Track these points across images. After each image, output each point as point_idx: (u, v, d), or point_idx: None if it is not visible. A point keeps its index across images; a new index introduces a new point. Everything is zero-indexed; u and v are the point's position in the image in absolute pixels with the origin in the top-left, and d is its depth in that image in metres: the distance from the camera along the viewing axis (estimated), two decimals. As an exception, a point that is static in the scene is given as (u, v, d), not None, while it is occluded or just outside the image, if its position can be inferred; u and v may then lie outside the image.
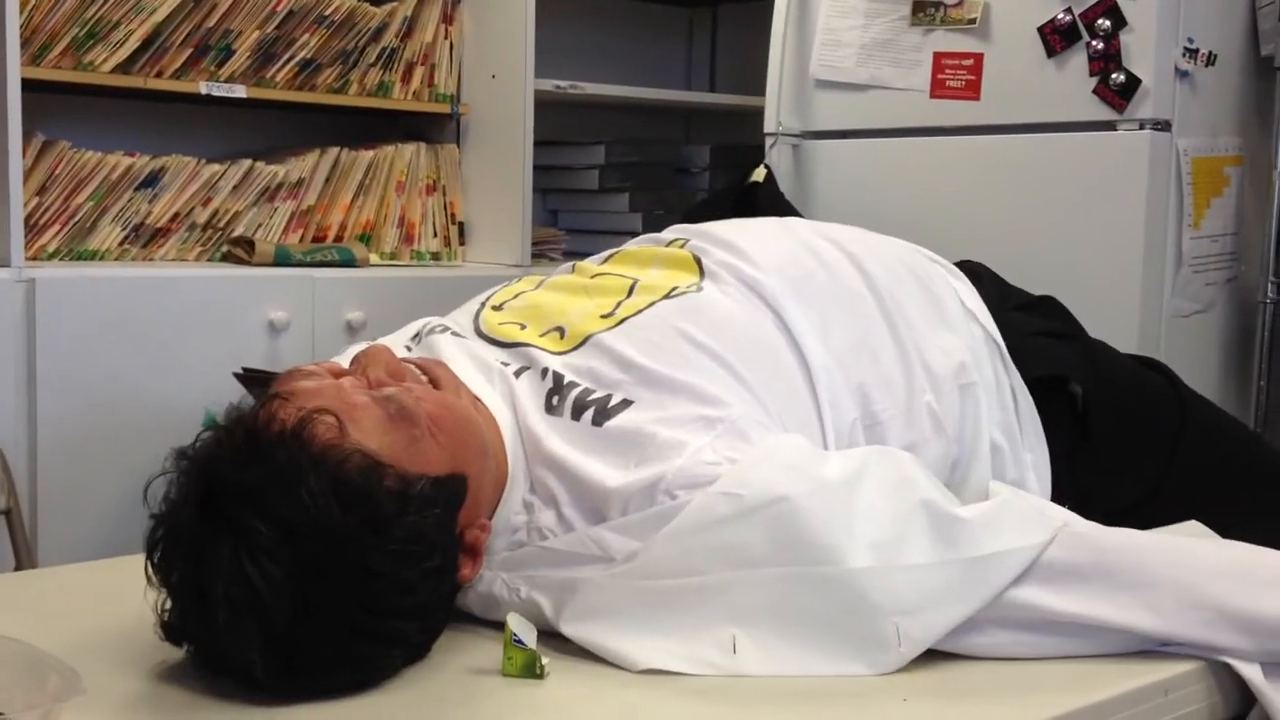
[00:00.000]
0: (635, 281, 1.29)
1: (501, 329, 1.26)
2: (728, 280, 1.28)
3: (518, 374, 1.19)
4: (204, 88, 2.42)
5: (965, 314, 1.36)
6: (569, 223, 3.19)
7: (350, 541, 0.96)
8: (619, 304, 1.25)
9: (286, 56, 2.53)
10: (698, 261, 1.32)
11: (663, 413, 1.10)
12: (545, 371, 1.18)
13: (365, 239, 2.66)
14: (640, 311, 1.22)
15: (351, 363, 1.12)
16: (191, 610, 0.98)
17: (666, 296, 1.24)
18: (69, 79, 2.30)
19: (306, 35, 2.55)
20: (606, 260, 1.39)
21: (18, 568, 1.96)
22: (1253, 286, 2.31)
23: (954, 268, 1.42)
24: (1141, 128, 2.09)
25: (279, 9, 2.50)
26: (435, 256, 2.77)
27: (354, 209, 2.66)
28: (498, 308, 1.30)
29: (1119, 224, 2.11)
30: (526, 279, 1.37)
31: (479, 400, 1.16)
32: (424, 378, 1.14)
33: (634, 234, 3.03)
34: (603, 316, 1.23)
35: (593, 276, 1.34)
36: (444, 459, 1.05)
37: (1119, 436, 1.35)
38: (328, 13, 2.56)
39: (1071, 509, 1.14)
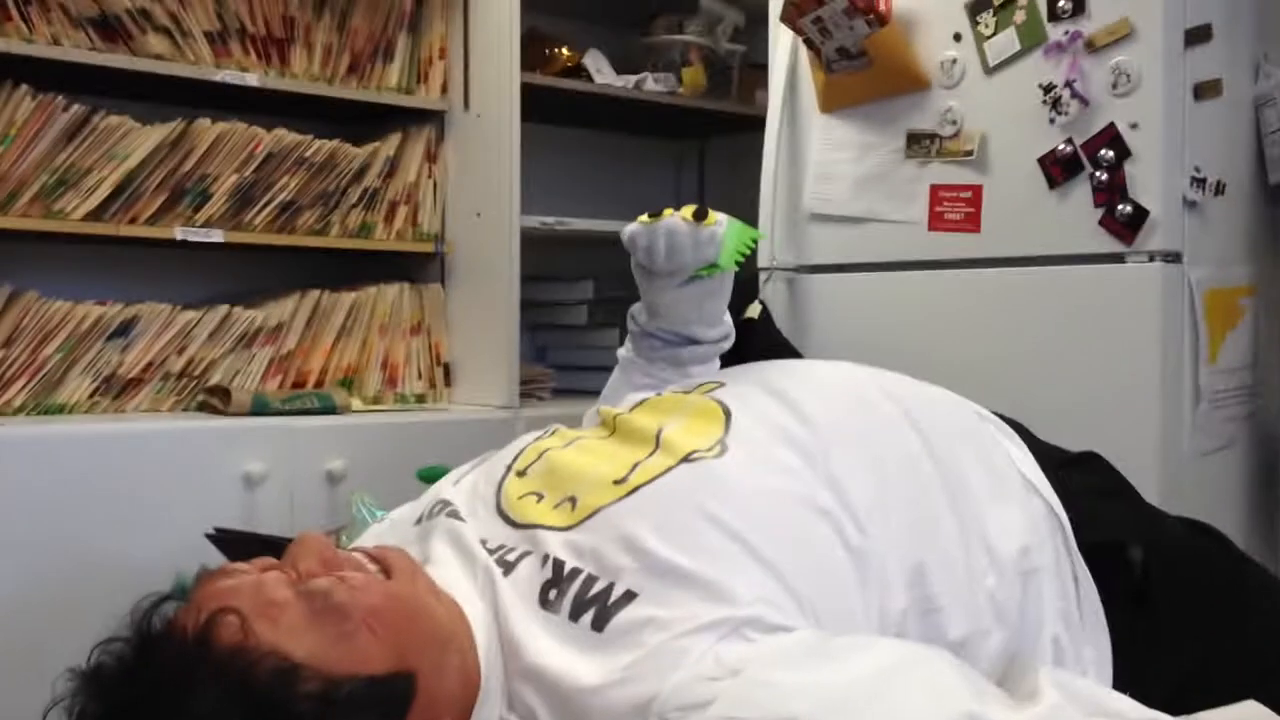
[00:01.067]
0: (660, 431, 1.17)
1: (520, 505, 1.15)
2: (762, 437, 1.16)
3: (518, 560, 1.07)
4: (179, 233, 2.35)
5: (1025, 485, 1.24)
6: (558, 359, 3.12)
7: None
8: (635, 466, 1.13)
9: (266, 199, 2.47)
10: (725, 414, 1.20)
11: (667, 611, 0.98)
12: (546, 559, 1.07)
13: (347, 384, 2.57)
14: (654, 479, 1.11)
15: (284, 554, 1.01)
16: None
17: (684, 460, 1.12)
18: (38, 227, 2.23)
19: (286, 177, 2.49)
20: (635, 409, 1.28)
21: (-31, 753, 1.82)
22: (1273, 420, 2.22)
23: (1006, 426, 1.31)
24: (1151, 260, 2.02)
25: (258, 151, 2.44)
26: (420, 399, 2.68)
27: (335, 352, 2.57)
28: (522, 473, 1.20)
29: (1133, 360, 2.02)
30: (558, 434, 1.27)
31: (440, 590, 1.04)
32: (371, 566, 1.03)
33: (624, 371, 3.02)
34: (615, 483, 1.11)
35: (615, 417, 1.24)
36: (384, 655, 0.95)
37: (1179, 604, 1.23)
38: (308, 154, 2.51)
39: (1130, 692, 1.02)
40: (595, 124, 3.22)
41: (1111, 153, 2.03)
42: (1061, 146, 2.09)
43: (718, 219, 1.31)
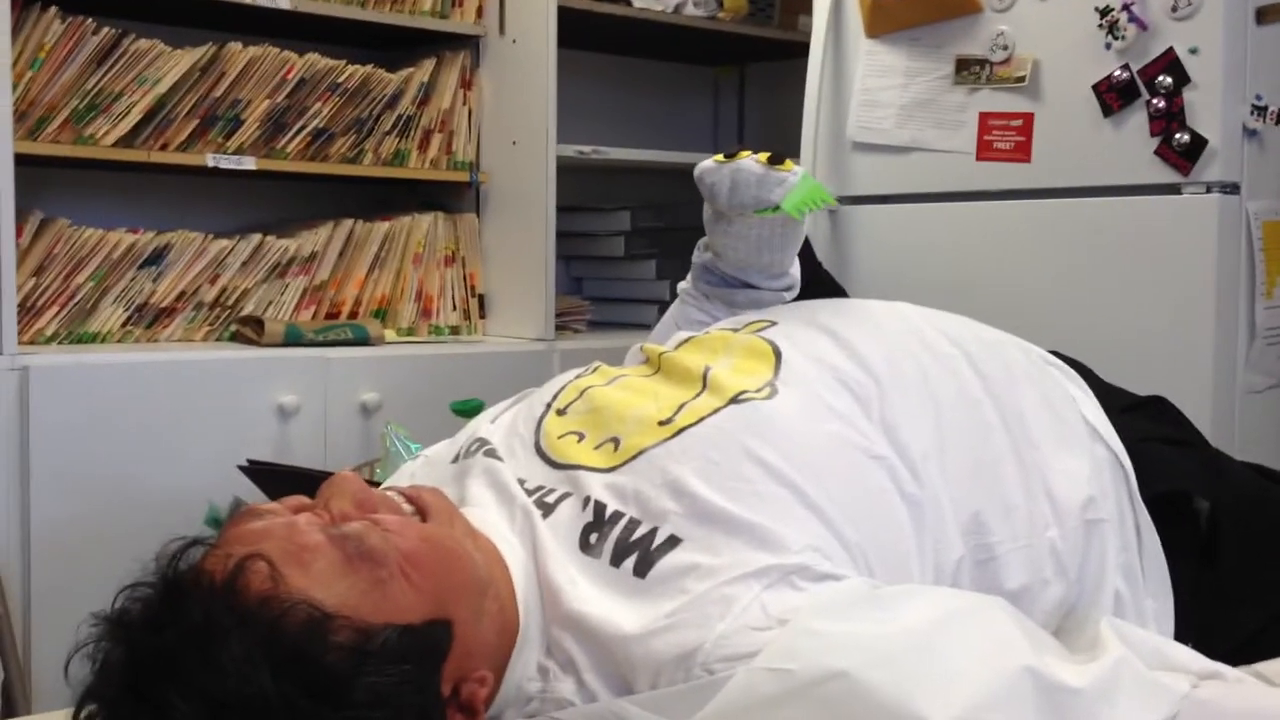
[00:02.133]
0: (707, 370, 1.12)
1: (560, 444, 1.10)
2: (814, 378, 1.10)
3: (558, 502, 1.03)
4: (211, 160, 2.32)
5: (1089, 432, 1.18)
6: (593, 291, 3.08)
7: (289, 713, 0.81)
8: (682, 407, 1.08)
9: (298, 126, 2.43)
10: (776, 354, 1.14)
11: (712, 558, 0.94)
12: (587, 501, 1.02)
13: (381, 314, 2.54)
14: (701, 420, 1.05)
15: (316, 495, 0.97)
16: None
17: (733, 401, 1.07)
18: (68, 153, 2.20)
19: (319, 104, 2.44)
20: (680, 346, 1.22)
21: (6, 682, 1.82)
22: (1329, 357, 2.16)
23: (1070, 370, 1.26)
24: (1208, 191, 1.95)
25: (289, 77, 2.40)
26: (454, 331, 2.64)
27: (369, 283, 2.54)
28: (562, 411, 1.14)
29: (1186, 294, 1.96)
30: (600, 371, 1.21)
31: (478, 533, 1.01)
32: (407, 507, 0.99)
33: (661, 302, 2.97)
34: (660, 423, 1.06)
35: (660, 355, 1.18)
36: (421, 603, 0.90)
37: (1246, 558, 1.18)
38: (341, 80, 2.46)
39: (1194, 646, 0.98)
40: (633, 50, 3.15)
41: (1169, 79, 1.96)
42: (1117, 72, 2.01)
43: (794, 168, 1.26)
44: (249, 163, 2.36)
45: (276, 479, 1.95)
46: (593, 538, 0.99)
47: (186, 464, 2.10)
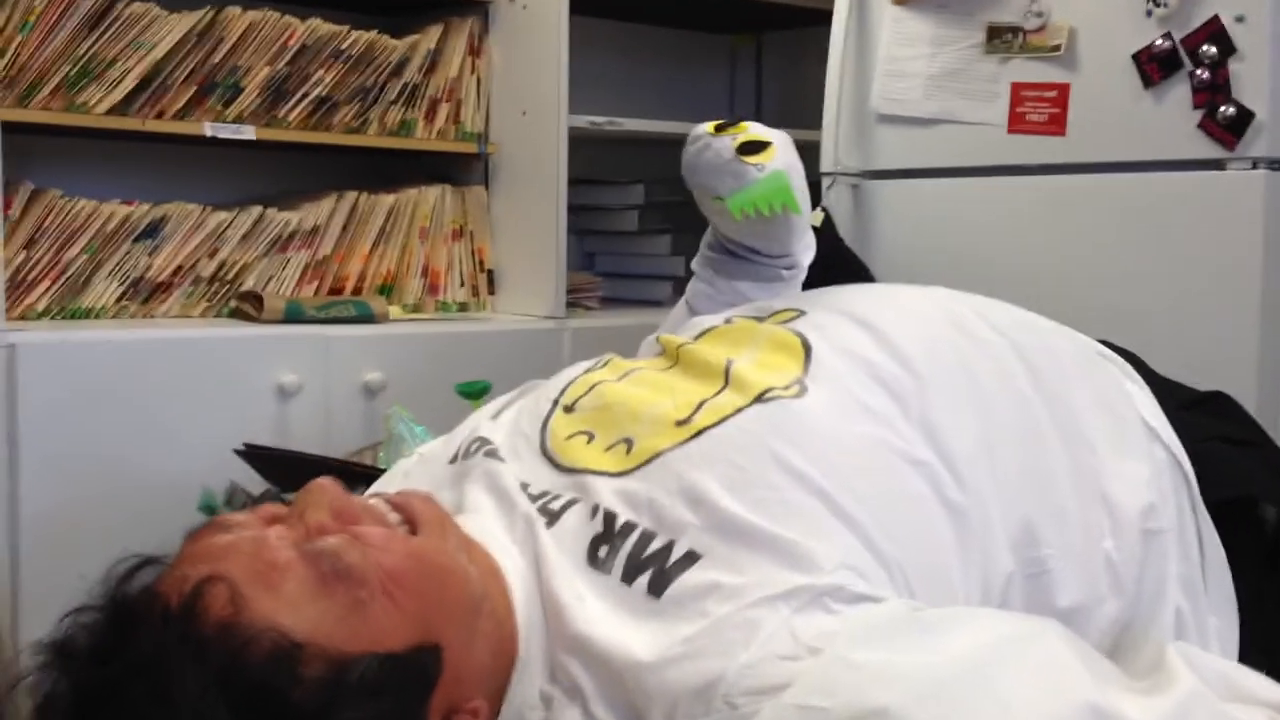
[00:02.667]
0: (730, 365, 1.02)
1: (567, 446, 1.01)
2: (846, 374, 1.01)
3: (564, 510, 0.94)
4: (209, 129, 2.23)
5: (1147, 432, 1.08)
6: (606, 266, 2.99)
7: None
8: (701, 405, 0.99)
9: (300, 94, 2.34)
10: (805, 347, 1.05)
11: (735, 577, 0.84)
12: (596, 509, 0.93)
13: (386, 290, 2.45)
14: (723, 420, 0.96)
15: (292, 504, 0.89)
16: None
17: (758, 400, 0.98)
18: (60, 121, 2.11)
19: (321, 71, 2.35)
20: (700, 337, 1.13)
21: (-9, 674, 1.74)
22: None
23: (1123, 362, 1.16)
24: (1255, 167, 1.85)
25: (291, 43, 2.30)
26: (462, 308, 2.56)
27: (373, 258, 2.45)
28: (570, 408, 1.06)
29: (1230, 275, 1.86)
30: (612, 364, 1.12)
31: (474, 544, 0.92)
32: (394, 517, 0.90)
33: (676, 279, 2.89)
34: (678, 423, 0.97)
35: (678, 347, 1.09)
36: (406, 627, 0.82)
37: None
38: (344, 46, 2.36)
39: (1257, 666, 0.89)
40: (648, 17, 3.05)
41: (1214, 49, 1.86)
42: (1159, 41, 1.91)
43: (768, 161, 1.15)
44: (248, 132, 2.27)
45: (274, 463, 1.87)
46: (602, 551, 0.90)
47: (182, 446, 2.02)
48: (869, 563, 0.88)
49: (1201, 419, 1.15)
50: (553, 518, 0.94)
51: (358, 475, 1.74)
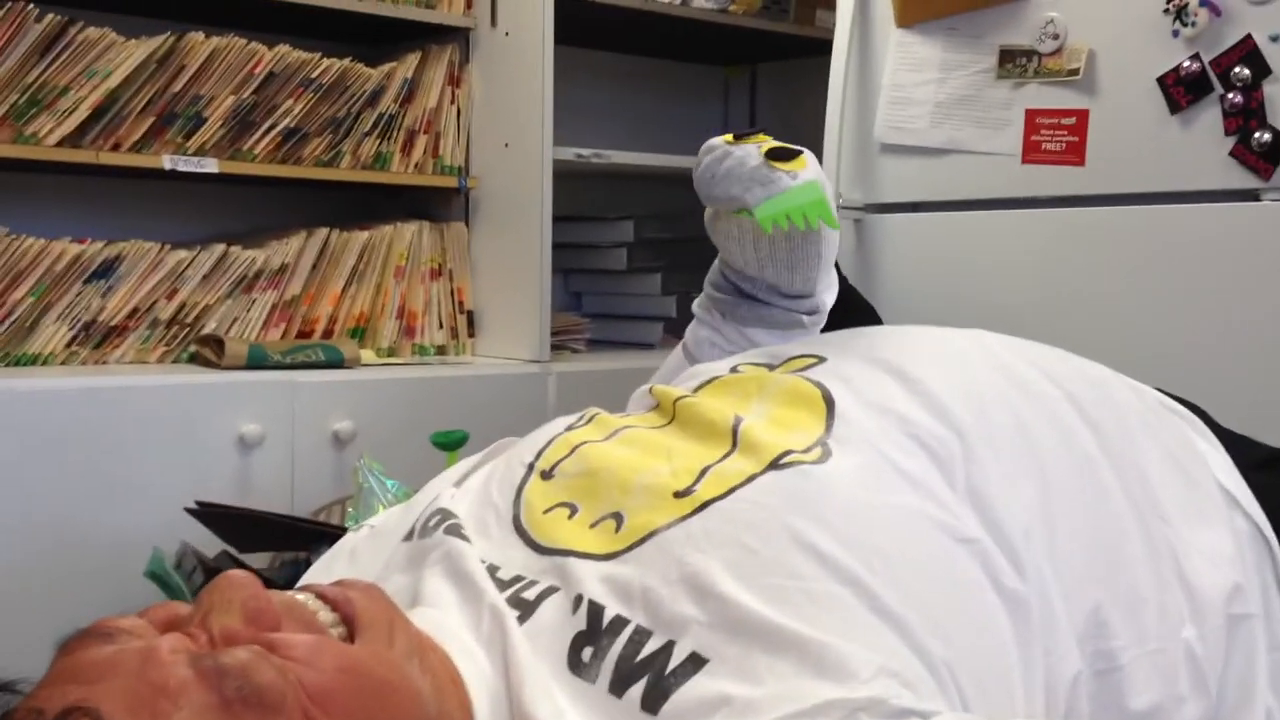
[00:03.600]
0: (738, 423, 0.87)
1: (545, 521, 0.85)
2: (879, 434, 0.86)
3: (540, 600, 0.79)
4: (168, 162, 2.09)
5: (1225, 498, 0.94)
6: (594, 307, 2.86)
7: None
8: (705, 472, 0.83)
9: (267, 125, 2.20)
10: (827, 401, 0.90)
11: (751, 688, 0.69)
12: (579, 601, 0.77)
13: (358, 333, 2.31)
14: (731, 491, 0.81)
15: (195, 603, 0.72)
16: None
17: (773, 466, 0.82)
18: (7, 154, 1.98)
19: (290, 101, 2.21)
20: (701, 388, 0.97)
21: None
22: None
23: (1193, 417, 1.01)
24: (1292, 197, 1.72)
25: (257, 71, 2.17)
26: (440, 351, 2.42)
27: (345, 299, 2.31)
28: (548, 474, 0.90)
29: (1266, 316, 1.72)
30: (597, 421, 0.96)
31: (429, 647, 0.76)
32: (326, 616, 0.74)
33: (668, 320, 2.75)
34: (677, 495, 0.82)
35: (675, 401, 0.94)
36: None
37: None
38: (315, 75, 2.23)
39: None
40: (637, 47, 2.95)
41: (1248, 70, 1.73)
42: (1187, 63, 1.78)
43: (801, 170, 1.02)
44: (211, 165, 2.13)
45: (230, 522, 1.72)
46: (586, 653, 0.74)
47: (135, 503, 1.89)
48: (914, 666, 0.72)
49: (1274, 479, 1.00)
50: (527, 610, 0.78)
51: (324, 535, 1.60)
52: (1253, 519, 0.93)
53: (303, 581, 0.87)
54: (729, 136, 1.06)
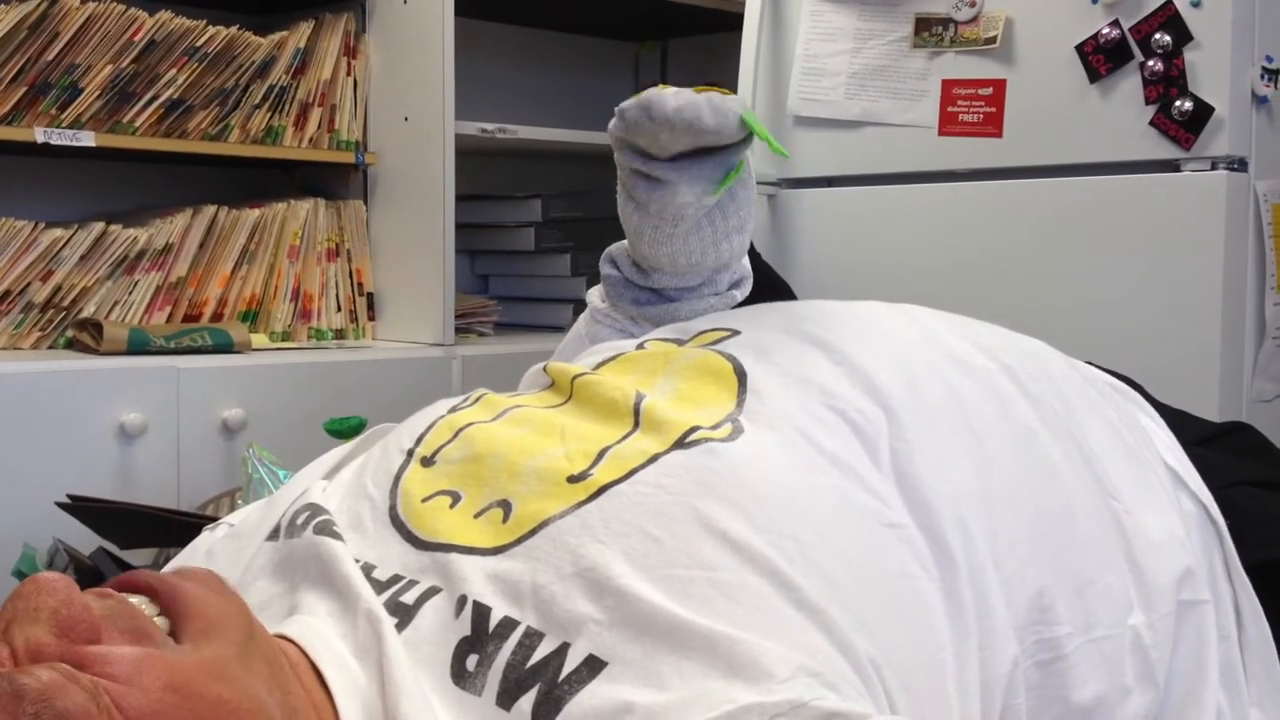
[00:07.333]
0: (640, 400, 0.79)
1: (424, 512, 0.76)
2: (797, 408, 0.78)
3: (419, 603, 0.69)
4: (41, 135, 1.96)
5: (1171, 477, 0.88)
6: (501, 289, 2.77)
7: None
8: (603, 454, 0.75)
9: (149, 96, 2.07)
10: (738, 374, 0.81)
11: (656, 694, 0.60)
12: (463, 602, 0.68)
13: (250, 317, 2.19)
14: (632, 473, 0.72)
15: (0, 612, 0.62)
16: None
17: (678, 445, 0.74)
18: None
19: (173, 70, 2.09)
20: (602, 366, 0.88)
21: None
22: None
23: (1134, 394, 0.95)
24: (1214, 167, 1.68)
25: (137, 38, 2.04)
26: (339, 335, 2.31)
27: (235, 281, 2.19)
28: (429, 460, 0.80)
29: (1187, 288, 1.69)
30: (485, 401, 0.86)
31: (290, 661, 0.66)
32: (159, 625, 0.62)
33: (578, 302, 2.65)
34: (571, 479, 0.73)
35: (573, 378, 0.85)
36: None
37: None
38: (199, 43, 2.11)
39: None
40: (543, 20, 2.85)
41: (1168, 37, 1.69)
42: (1106, 30, 1.74)
43: (735, 96, 0.95)
44: (88, 138, 2.00)
45: (106, 517, 1.61)
46: (471, 661, 0.65)
47: (7, 496, 1.77)
48: (838, 666, 0.64)
49: (1224, 458, 0.94)
50: (406, 615, 0.68)
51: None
52: (1200, 500, 0.87)
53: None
54: (665, 86, 0.96)
